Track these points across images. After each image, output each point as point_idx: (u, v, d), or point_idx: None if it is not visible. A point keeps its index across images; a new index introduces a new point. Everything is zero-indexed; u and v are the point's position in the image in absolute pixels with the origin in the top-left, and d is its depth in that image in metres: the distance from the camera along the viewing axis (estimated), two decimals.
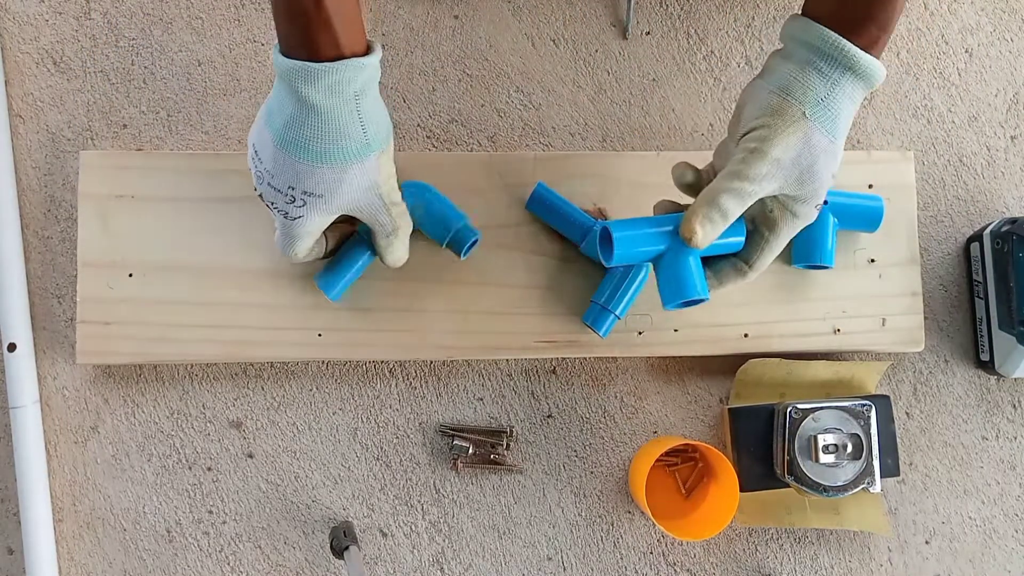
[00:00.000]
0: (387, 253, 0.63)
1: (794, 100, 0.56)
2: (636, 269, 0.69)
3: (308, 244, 0.60)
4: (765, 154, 0.55)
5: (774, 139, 0.56)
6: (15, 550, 0.73)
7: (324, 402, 0.74)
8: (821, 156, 0.56)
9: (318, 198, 0.56)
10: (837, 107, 0.56)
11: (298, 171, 0.55)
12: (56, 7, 0.76)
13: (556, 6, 0.78)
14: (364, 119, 0.55)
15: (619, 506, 0.74)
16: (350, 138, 0.55)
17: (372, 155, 0.56)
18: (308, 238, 0.60)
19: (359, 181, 0.57)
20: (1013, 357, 0.71)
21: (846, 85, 0.56)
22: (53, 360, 0.73)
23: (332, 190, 0.56)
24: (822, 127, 0.56)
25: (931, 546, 0.75)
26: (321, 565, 0.73)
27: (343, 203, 0.57)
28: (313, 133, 0.54)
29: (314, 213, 0.57)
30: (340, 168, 0.55)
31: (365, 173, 0.56)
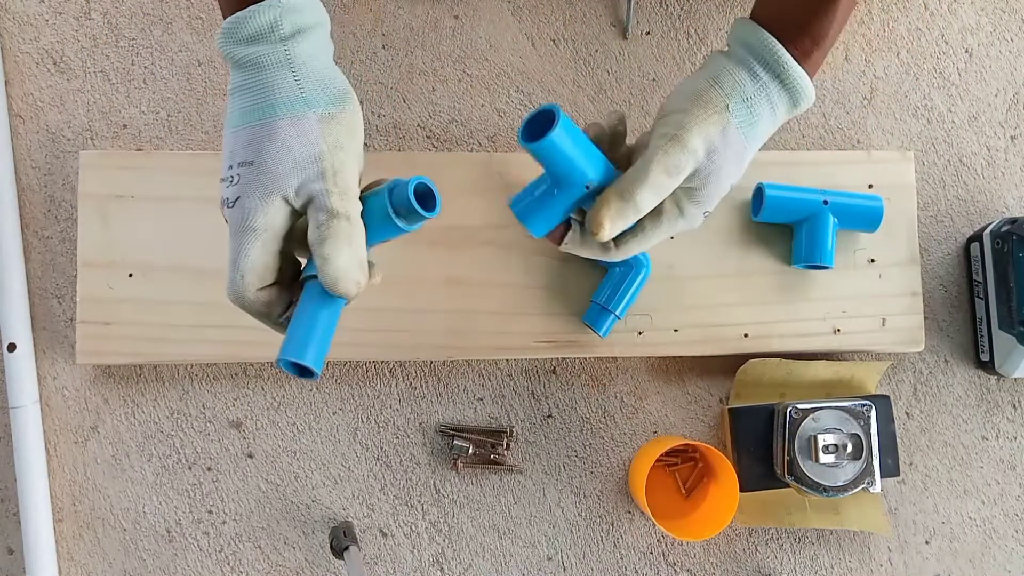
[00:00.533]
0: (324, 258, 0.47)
1: (720, 89, 0.54)
2: (636, 269, 0.69)
3: (256, 253, 0.48)
4: (684, 143, 0.53)
5: (693, 126, 0.53)
6: (15, 550, 0.73)
7: (324, 402, 0.74)
8: (732, 160, 0.55)
9: (248, 167, 0.48)
10: (759, 111, 0.54)
11: (234, 145, 0.49)
12: (56, 7, 0.76)
13: (556, 6, 0.78)
14: (297, 70, 0.48)
15: (619, 506, 0.74)
16: (279, 89, 0.48)
17: (310, 114, 0.48)
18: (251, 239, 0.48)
19: (295, 144, 0.48)
20: (1013, 357, 0.71)
21: (772, 94, 0.55)
22: (53, 360, 0.73)
23: (262, 154, 0.47)
24: (740, 127, 0.54)
25: (931, 546, 0.75)
26: (321, 565, 0.73)
27: (279, 173, 0.47)
28: (242, 95, 0.48)
29: (249, 190, 0.48)
30: (268, 124, 0.48)
31: (301, 135, 0.48)
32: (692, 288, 0.72)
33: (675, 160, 0.53)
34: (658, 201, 0.54)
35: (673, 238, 0.72)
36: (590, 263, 0.71)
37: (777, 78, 0.54)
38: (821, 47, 0.55)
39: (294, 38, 0.48)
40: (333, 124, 0.49)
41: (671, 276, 0.72)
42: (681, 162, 0.53)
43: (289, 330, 0.49)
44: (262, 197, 0.48)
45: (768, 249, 0.72)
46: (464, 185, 0.72)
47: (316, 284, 0.49)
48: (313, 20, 0.50)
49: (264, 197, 0.48)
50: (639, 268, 0.69)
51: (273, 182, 0.48)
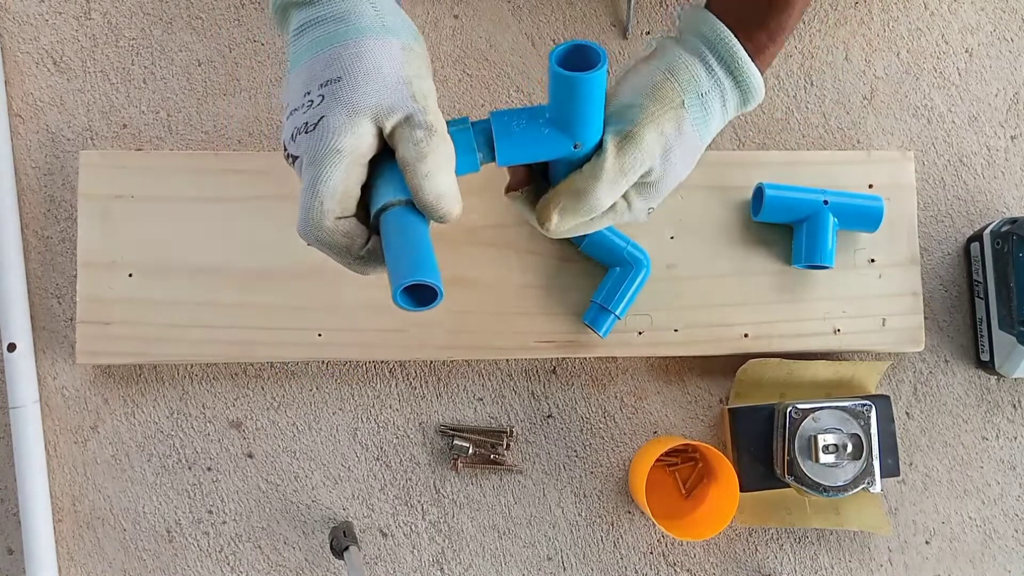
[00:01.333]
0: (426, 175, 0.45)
1: (676, 84, 0.52)
2: (636, 269, 0.69)
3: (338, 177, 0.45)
4: (639, 141, 0.51)
5: (648, 122, 0.51)
6: (15, 550, 0.73)
7: (324, 402, 0.74)
8: (685, 157, 0.53)
9: (336, 83, 0.45)
10: (712, 108, 0.53)
11: (312, 69, 0.46)
12: (56, 7, 0.76)
13: (556, 6, 0.78)
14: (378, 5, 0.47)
15: (619, 506, 0.74)
16: (360, 16, 0.46)
17: (394, 41, 0.47)
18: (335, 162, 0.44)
19: (385, 64, 0.45)
20: (1013, 357, 0.71)
21: (726, 91, 0.53)
22: (53, 360, 0.73)
23: (351, 69, 0.45)
24: (695, 124, 0.52)
25: (931, 546, 0.75)
26: (321, 565, 0.73)
27: (368, 89, 0.45)
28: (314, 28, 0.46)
29: (335, 108, 0.44)
30: (356, 42, 0.45)
31: (389, 56, 0.46)
32: (692, 288, 0.72)
33: (630, 159, 0.51)
34: (613, 199, 0.53)
35: (673, 238, 0.72)
36: (591, 263, 0.71)
37: (731, 75, 0.53)
38: (776, 42, 0.53)
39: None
40: (414, 56, 0.48)
41: (671, 276, 0.72)
42: (636, 161, 0.51)
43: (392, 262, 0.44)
44: (350, 113, 0.44)
45: (768, 249, 0.72)
46: (464, 185, 0.72)
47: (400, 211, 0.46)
48: None
49: (352, 114, 0.44)
50: (639, 268, 0.69)
51: (364, 98, 0.45)
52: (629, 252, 0.69)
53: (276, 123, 0.75)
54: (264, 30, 0.76)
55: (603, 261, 0.70)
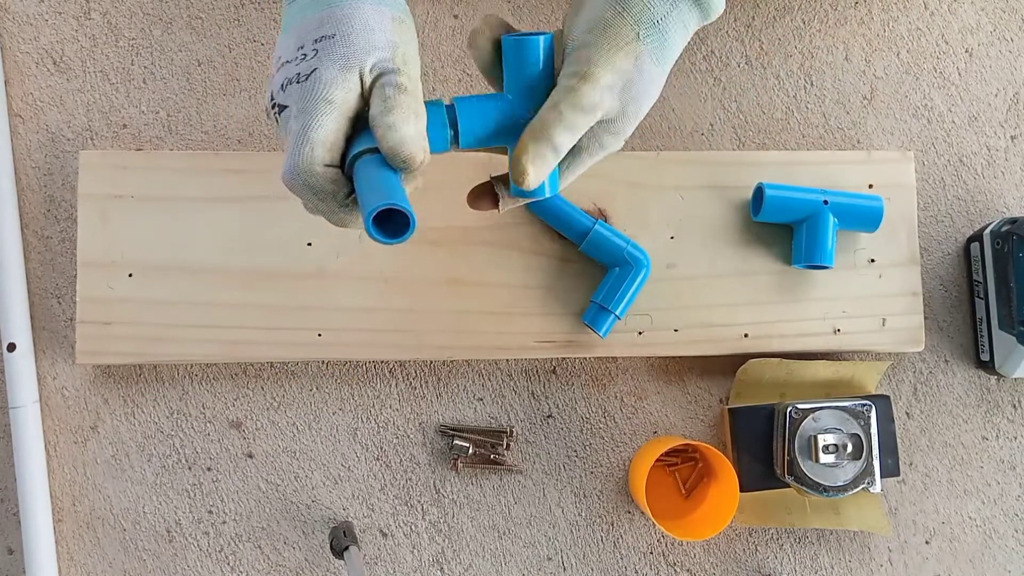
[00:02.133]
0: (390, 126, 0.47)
1: (629, 17, 0.50)
2: (636, 269, 0.69)
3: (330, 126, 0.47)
4: (596, 80, 0.50)
5: (603, 62, 0.50)
6: (15, 550, 0.73)
7: (324, 402, 0.74)
8: (647, 88, 0.52)
9: (330, 39, 0.48)
10: (671, 33, 0.51)
11: (306, 27, 0.49)
12: (56, 7, 0.76)
13: (556, 6, 0.78)
14: None
15: (619, 506, 0.74)
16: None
17: (385, 9, 0.49)
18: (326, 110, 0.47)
19: (376, 26, 0.48)
20: (1013, 357, 0.71)
21: (683, 9, 0.51)
22: (53, 360, 0.73)
23: (344, 27, 0.48)
24: (653, 54, 0.51)
25: (931, 546, 0.75)
26: (321, 565, 0.73)
27: (359, 47, 0.47)
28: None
29: (328, 62, 0.47)
30: (351, 5, 0.48)
31: (381, 21, 0.49)
32: (692, 288, 0.72)
33: (587, 98, 0.50)
34: (574, 139, 0.51)
35: (673, 238, 0.72)
36: (591, 263, 0.71)
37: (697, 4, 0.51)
38: None
39: None
40: (404, 27, 0.50)
41: (671, 276, 0.72)
42: (594, 99, 0.50)
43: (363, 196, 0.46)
44: (343, 68, 0.47)
45: (768, 249, 0.72)
46: (464, 185, 0.72)
47: (371, 158, 0.48)
48: None
49: (344, 68, 0.47)
50: (639, 268, 0.69)
51: (356, 55, 0.47)
52: (629, 252, 0.69)
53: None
54: (264, 30, 0.76)
55: (603, 261, 0.70)
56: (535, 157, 0.50)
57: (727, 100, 0.77)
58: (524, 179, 0.50)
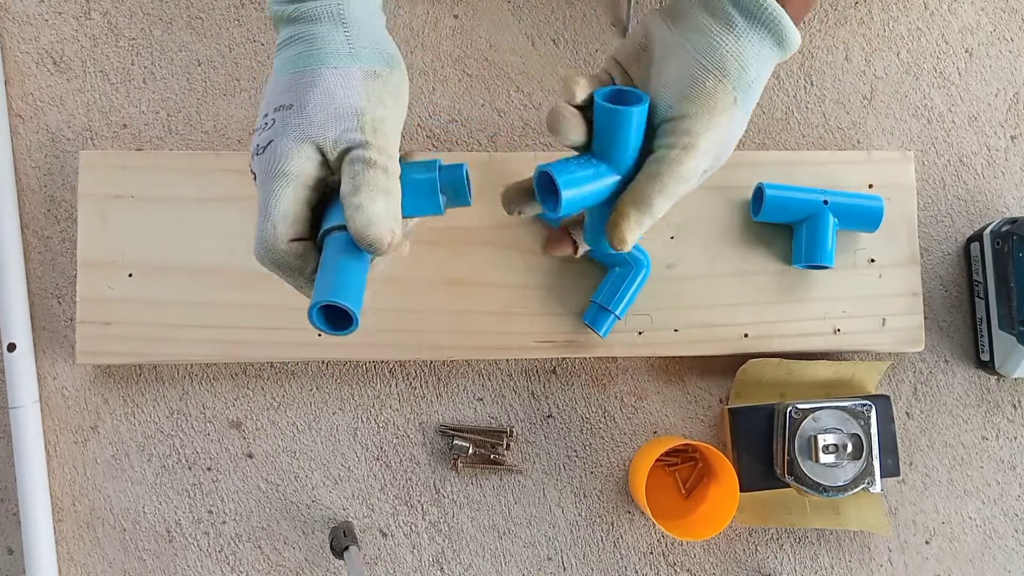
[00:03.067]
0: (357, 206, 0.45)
1: (728, 83, 0.49)
2: (636, 269, 0.69)
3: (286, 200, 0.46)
4: (699, 151, 0.50)
5: (705, 132, 0.50)
6: (15, 550, 0.73)
7: (324, 402, 0.74)
8: (736, 134, 0.52)
9: (287, 110, 0.47)
10: (760, 85, 0.51)
11: (276, 90, 0.48)
12: (56, 7, 0.76)
13: (556, 6, 0.78)
14: (349, 27, 0.48)
15: (619, 506, 0.74)
16: (327, 41, 0.48)
17: (355, 68, 0.48)
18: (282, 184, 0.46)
19: (338, 93, 0.47)
20: (1013, 357, 0.71)
21: (770, 60, 0.51)
22: (53, 360, 0.73)
23: (302, 98, 0.47)
24: (745, 111, 0.51)
25: (931, 546, 0.75)
26: (321, 565, 0.73)
27: (316, 117, 0.46)
28: (288, 47, 0.48)
29: (284, 133, 0.46)
30: (312, 71, 0.47)
31: (345, 86, 0.47)
32: (692, 288, 0.72)
33: (690, 170, 0.50)
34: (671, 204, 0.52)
35: (673, 238, 0.72)
36: (591, 263, 0.71)
37: (779, 45, 0.51)
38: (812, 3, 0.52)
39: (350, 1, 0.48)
40: (378, 82, 0.48)
41: (671, 276, 0.72)
42: (697, 169, 0.50)
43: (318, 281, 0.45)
44: (297, 140, 0.46)
45: (768, 249, 0.72)
46: None
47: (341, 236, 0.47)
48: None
49: (299, 140, 0.46)
50: (639, 268, 0.69)
51: (310, 127, 0.46)
52: (629, 252, 0.69)
53: None
54: (264, 30, 0.76)
55: (603, 261, 0.70)
56: (635, 226, 0.50)
57: None
58: (623, 246, 0.51)
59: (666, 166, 0.50)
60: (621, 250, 0.51)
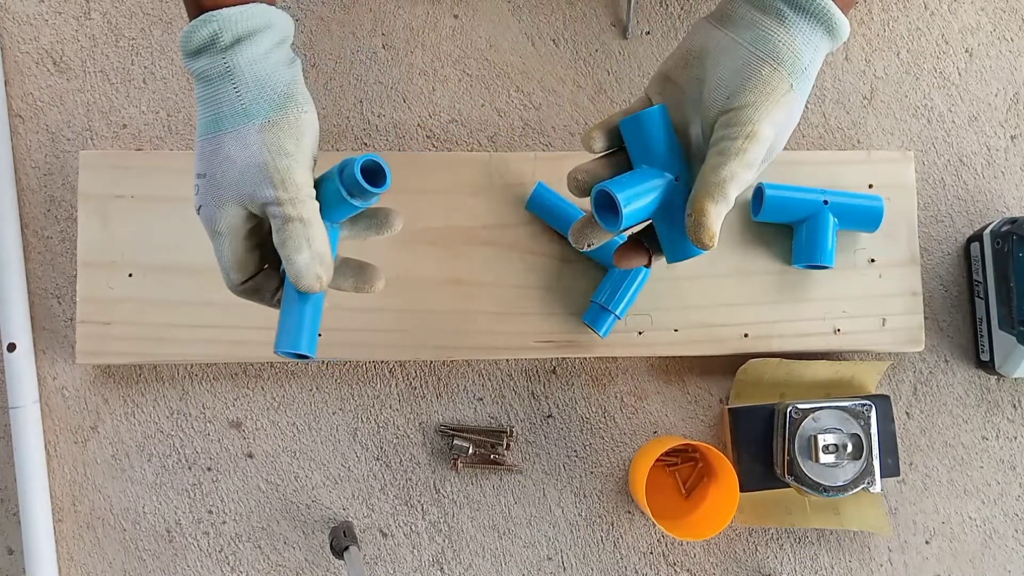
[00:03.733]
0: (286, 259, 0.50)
1: (783, 70, 0.51)
2: (636, 269, 0.69)
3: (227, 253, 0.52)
4: (761, 138, 0.51)
5: (765, 119, 0.51)
6: (15, 550, 0.73)
7: (324, 402, 0.74)
8: (794, 121, 0.53)
9: (202, 178, 0.51)
10: (813, 71, 0.52)
11: (196, 157, 0.52)
12: (56, 7, 0.76)
13: (556, 6, 0.78)
14: (237, 80, 0.50)
15: (619, 506, 0.74)
16: (221, 103, 0.50)
17: (250, 125, 0.50)
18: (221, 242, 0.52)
19: (239, 156, 0.50)
20: (1013, 357, 0.71)
21: (822, 46, 0.52)
22: (53, 360, 0.73)
23: (211, 168, 0.50)
24: (801, 97, 0.52)
25: (931, 546, 0.75)
26: (321, 565, 0.73)
27: (226, 183, 0.50)
28: (200, 108, 0.51)
29: (207, 200, 0.51)
30: (215, 140, 0.50)
31: (243, 147, 0.50)
32: (692, 288, 0.72)
33: (755, 156, 0.51)
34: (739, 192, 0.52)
35: None
36: (590, 263, 0.71)
37: (828, 34, 0.52)
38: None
39: (235, 47, 0.50)
40: (274, 131, 0.50)
41: (671, 276, 0.72)
42: (761, 155, 0.51)
43: (280, 321, 0.53)
44: (217, 206, 0.51)
45: (768, 249, 0.72)
46: (464, 185, 0.72)
47: None
48: (259, 24, 0.50)
49: (219, 206, 0.51)
50: (639, 268, 0.69)
51: (223, 191, 0.50)
52: None
53: None
54: None
55: (603, 261, 0.70)
56: (716, 217, 0.51)
57: None
58: (712, 241, 0.51)
59: (732, 155, 0.51)
60: (710, 246, 0.51)
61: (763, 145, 0.51)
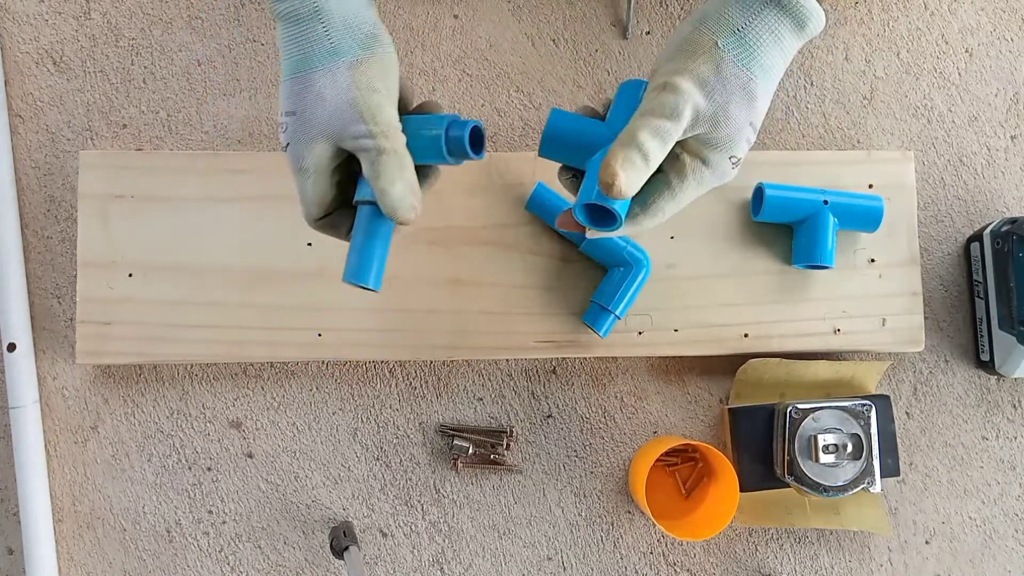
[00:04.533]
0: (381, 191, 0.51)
1: (707, 29, 0.52)
2: (636, 269, 0.69)
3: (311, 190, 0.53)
4: (676, 87, 0.51)
5: (682, 70, 0.51)
6: (15, 550, 0.73)
7: (324, 402, 0.74)
8: (736, 94, 0.52)
9: (292, 116, 0.52)
10: (756, 39, 0.51)
11: (282, 95, 0.53)
12: (56, 7, 0.76)
13: (556, 6, 0.78)
14: (326, 20, 0.51)
15: (619, 506, 0.74)
16: (311, 42, 0.52)
17: (340, 63, 0.51)
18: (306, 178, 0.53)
19: (329, 94, 0.51)
20: (1013, 357, 0.71)
21: (768, 18, 0.52)
22: (53, 360, 0.73)
23: (302, 106, 0.52)
24: (736, 59, 0.51)
25: (931, 546, 0.75)
26: (321, 565, 0.73)
27: (317, 121, 0.52)
28: (285, 48, 0.52)
29: (295, 138, 0.52)
30: (304, 78, 0.52)
31: (334, 84, 0.51)
32: (692, 288, 0.72)
33: (668, 103, 0.50)
34: (664, 146, 0.51)
35: (673, 238, 0.72)
36: (591, 263, 0.71)
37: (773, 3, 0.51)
38: None
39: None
40: (363, 69, 0.52)
41: (671, 276, 0.72)
42: (675, 104, 0.51)
43: (350, 253, 0.54)
44: (306, 143, 0.52)
45: (768, 249, 0.72)
46: (464, 185, 0.72)
47: (369, 208, 0.54)
48: None
49: (308, 143, 0.52)
50: (639, 268, 0.69)
51: (313, 129, 0.52)
52: (629, 252, 0.69)
53: (276, 123, 0.76)
54: (264, 30, 0.76)
55: (603, 261, 0.70)
56: (624, 161, 0.50)
57: None
58: (614, 180, 0.50)
59: (647, 104, 0.51)
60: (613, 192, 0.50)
61: (678, 94, 0.51)
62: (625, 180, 0.50)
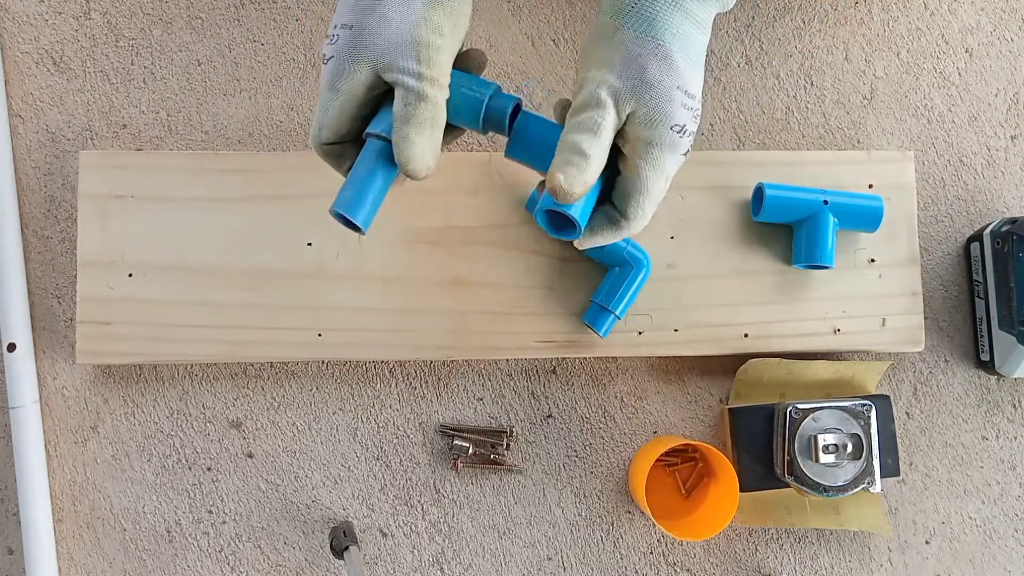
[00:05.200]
0: (404, 137, 0.49)
1: (604, 16, 0.52)
2: (636, 269, 0.69)
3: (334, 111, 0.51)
4: (588, 79, 0.51)
5: (587, 63, 0.51)
6: (15, 550, 0.73)
7: (324, 402, 0.74)
8: (651, 62, 0.50)
9: (347, 29, 0.50)
10: (652, 10, 0.50)
11: (343, 5, 0.51)
12: (56, 7, 0.76)
13: (556, 6, 0.78)
14: None
15: (619, 506, 0.74)
16: None
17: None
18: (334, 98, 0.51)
19: (396, 20, 0.49)
20: (1013, 357, 0.71)
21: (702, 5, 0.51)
22: (53, 360, 0.73)
23: (361, 20, 0.49)
24: (639, 32, 0.50)
25: (931, 546, 0.75)
26: (321, 565, 0.73)
27: (372, 41, 0.49)
28: None
29: (342, 52, 0.50)
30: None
31: (404, 12, 0.49)
32: (692, 288, 0.72)
33: (585, 96, 0.51)
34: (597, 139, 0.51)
35: (673, 238, 0.72)
36: (591, 263, 0.71)
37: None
38: None
39: None
40: (438, 9, 0.50)
41: (671, 276, 0.72)
42: (590, 94, 0.51)
43: (344, 185, 0.51)
44: (352, 61, 0.50)
45: (768, 249, 0.72)
46: (464, 185, 0.72)
47: (380, 145, 0.51)
48: None
49: (354, 61, 0.50)
50: (639, 268, 0.69)
51: (365, 49, 0.50)
52: (629, 252, 0.69)
53: (276, 123, 0.76)
54: (264, 30, 0.76)
55: (603, 261, 0.70)
56: (562, 163, 0.50)
57: (727, 100, 0.77)
58: (555, 183, 0.50)
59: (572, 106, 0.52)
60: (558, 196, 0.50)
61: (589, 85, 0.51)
62: (565, 181, 0.49)
